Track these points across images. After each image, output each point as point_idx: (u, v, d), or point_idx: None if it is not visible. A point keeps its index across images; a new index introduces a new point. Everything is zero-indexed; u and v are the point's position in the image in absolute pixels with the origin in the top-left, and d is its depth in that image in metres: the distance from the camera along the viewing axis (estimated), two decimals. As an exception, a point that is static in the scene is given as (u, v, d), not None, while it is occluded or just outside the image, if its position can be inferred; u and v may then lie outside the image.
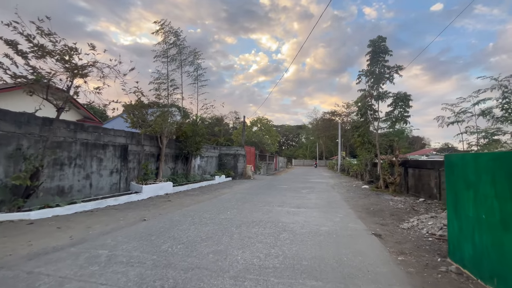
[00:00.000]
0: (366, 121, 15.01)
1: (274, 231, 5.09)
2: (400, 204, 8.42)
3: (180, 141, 13.26)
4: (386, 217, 6.58)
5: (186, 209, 7.21)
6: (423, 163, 10.30)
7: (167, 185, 10.62)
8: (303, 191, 12.18)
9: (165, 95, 11.88)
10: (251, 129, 35.12)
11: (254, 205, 8.05)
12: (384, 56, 14.22)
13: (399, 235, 4.97)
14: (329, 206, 8.16)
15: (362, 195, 11.24)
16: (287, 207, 7.81)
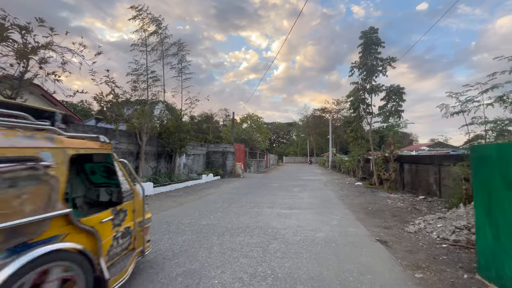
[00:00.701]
0: (359, 116, 14.45)
1: (263, 239, 4.31)
2: (399, 203, 7.84)
3: (163, 138, 12.27)
4: (387, 218, 5.93)
5: (164, 214, 6.33)
6: (420, 158, 9.79)
7: (146, 186, 9.65)
8: (294, 190, 11.49)
9: (144, 88, 10.85)
10: (241, 126, 34.24)
11: (242, 207, 7.26)
12: (376, 48, 13.66)
13: (407, 241, 4.30)
14: (324, 206, 7.47)
15: (357, 192, 10.65)
16: (278, 209, 7.06)
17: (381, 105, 13.40)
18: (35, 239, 1.78)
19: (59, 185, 1.96)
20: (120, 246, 2.60)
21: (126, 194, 2.80)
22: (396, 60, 13.33)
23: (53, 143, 2.03)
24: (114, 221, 2.52)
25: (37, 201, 1.81)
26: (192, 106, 12.95)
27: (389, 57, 13.29)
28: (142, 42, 11.20)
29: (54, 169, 1.95)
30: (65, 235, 1.97)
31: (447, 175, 7.72)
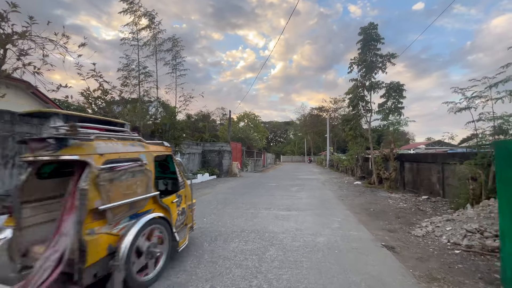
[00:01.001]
0: (358, 113, 14.14)
1: (259, 246, 3.94)
2: (401, 203, 7.52)
3: (156, 136, 11.82)
4: (391, 220, 5.59)
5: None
6: (422, 156, 9.49)
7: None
8: (292, 189, 11.14)
9: (135, 84, 10.40)
10: (238, 125, 33.83)
11: (238, 208, 6.88)
12: (376, 44, 13.33)
13: (415, 246, 3.96)
14: (323, 207, 7.12)
15: (356, 192, 10.33)
16: (275, 210, 6.69)
17: (381, 103, 13.10)
18: (141, 210, 2.79)
19: (152, 176, 2.97)
20: (180, 221, 3.66)
21: (181, 184, 3.86)
22: (396, 57, 13.02)
23: (144, 148, 3.05)
24: (177, 203, 3.58)
25: (143, 186, 2.81)
26: (186, 103, 12.51)
27: (388, 53, 12.97)
28: (134, 37, 10.74)
29: (148, 166, 2.94)
30: (153, 209, 2.98)
31: (452, 174, 7.42)
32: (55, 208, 2.83)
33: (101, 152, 2.48)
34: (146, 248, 2.73)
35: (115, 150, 2.64)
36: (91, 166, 2.34)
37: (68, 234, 2.21)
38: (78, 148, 2.36)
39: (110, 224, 2.44)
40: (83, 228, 2.20)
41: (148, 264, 2.79)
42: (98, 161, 2.40)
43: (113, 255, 2.39)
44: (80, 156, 2.31)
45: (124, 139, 2.85)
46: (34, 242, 2.59)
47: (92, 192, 2.28)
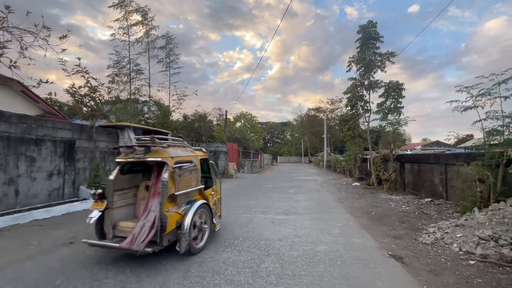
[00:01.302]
0: (357, 113, 13.86)
1: (253, 256, 3.56)
2: (403, 206, 7.19)
3: (148, 136, 11.39)
4: (395, 225, 5.25)
5: (141, 222, 5.50)
6: (424, 157, 9.19)
7: (128, 188, 8.78)
8: (290, 191, 10.78)
9: (125, 81, 9.96)
10: (235, 125, 33.43)
11: (232, 212, 6.49)
12: (374, 43, 13.07)
13: (425, 256, 3.61)
14: (322, 210, 6.76)
15: (356, 194, 10.01)
16: (272, 214, 6.31)
17: (380, 102, 12.83)
18: (193, 198, 3.75)
19: (199, 174, 4.00)
20: (213, 210, 4.33)
21: (214, 181, 4.70)
22: (396, 55, 12.76)
23: (193, 153, 4.10)
24: (212, 195, 4.43)
25: (195, 181, 3.80)
26: (180, 101, 12.11)
27: (388, 52, 12.71)
28: (125, 32, 10.30)
29: (197, 166, 3.93)
30: (199, 198, 3.86)
31: (456, 176, 7.12)
32: (128, 196, 3.92)
33: (172, 155, 3.53)
34: (199, 224, 3.76)
35: (179, 154, 3.73)
36: (168, 166, 3.37)
37: (155, 211, 3.29)
38: (158, 153, 3.45)
39: (178, 206, 3.48)
40: (164, 207, 3.23)
41: (198, 236, 3.76)
42: (171, 162, 3.43)
43: (179, 227, 3.36)
44: (162, 158, 3.38)
45: (181, 146, 4.00)
46: (119, 219, 3.63)
47: (169, 183, 3.31)
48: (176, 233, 3.35)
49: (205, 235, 3.89)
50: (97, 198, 3.58)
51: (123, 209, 3.80)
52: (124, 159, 3.55)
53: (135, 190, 4.04)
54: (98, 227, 3.52)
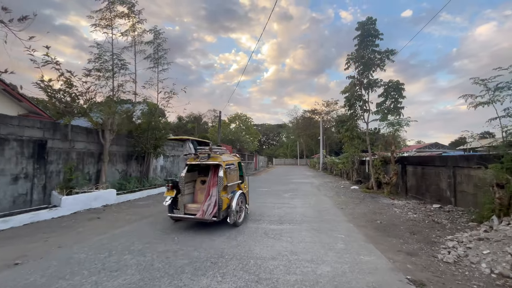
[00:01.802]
0: (355, 113, 13.28)
1: (240, 284, 2.84)
2: (410, 212, 6.56)
3: (134, 136, 10.57)
4: (406, 237, 4.59)
5: (112, 234, 4.74)
6: (429, 159, 8.61)
7: (107, 193, 7.97)
8: (285, 196, 10.08)
9: (108, 76, 9.15)
10: (229, 127, 32.69)
11: (218, 223, 5.75)
12: (374, 40, 12.54)
13: (452, 280, 2.94)
14: (321, 218, 6.08)
15: (355, 198, 9.37)
16: (265, 223, 5.60)
17: (379, 102, 12.28)
18: (235, 189, 5.50)
19: (238, 173, 5.93)
20: (245, 199, 5.87)
21: (245, 178, 6.39)
22: (395, 53, 12.24)
23: (234, 158, 5.91)
24: (244, 188, 6.18)
25: (236, 177, 5.74)
26: (167, 99, 11.32)
27: (387, 50, 12.19)
28: (108, 24, 9.51)
29: (237, 167, 5.90)
30: (238, 190, 5.53)
31: (466, 180, 6.53)
32: (190, 187, 5.63)
33: (224, 160, 5.22)
34: (239, 207, 5.36)
35: (227, 159, 5.45)
36: (222, 167, 5.05)
37: (215, 196, 4.96)
38: (215, 158, 5.16)
39: (227, 194, 5.08)
40: (220, 194, 4.86)
41: (239, 215, 5.33)
42: (224, 164, 5.10)
43: (228, 207, 4.98)
44: (218, 162, 5.09)
45: (227, 153, 5.97)
46: (186, 203, 5.33)
47: (223, 178, 4.96)
48: (226, 211, 5.01)
49: (243, 214, 5.61)
50: (169, 188, 5.28)
51: (188, 196, 5.56)
52: (194, 162, 5.30)
53: (193, 183, 5.83)
54: (171, 208, 5.20)
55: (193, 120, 52.05)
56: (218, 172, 5.08)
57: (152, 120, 10.54)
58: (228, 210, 4.99)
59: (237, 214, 5.22)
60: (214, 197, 5.00)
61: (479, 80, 5.20)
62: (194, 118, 55.15)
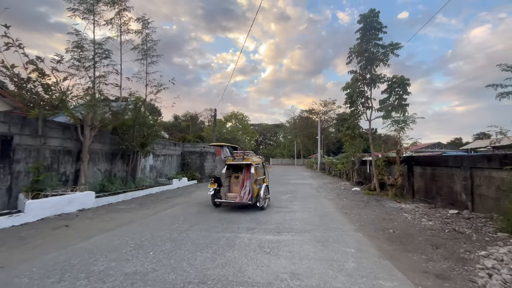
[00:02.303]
0: (357, 111, 12.57)
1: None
2: (423, 219, 5.82)
3: (118, 133, 9.71)
4: (428, 251, 3.84)
5: (75, 248, 3.91)
6: (440, 159, 7.90)
7: (84, 196, 7.11)
8: (283, 198, 9.31)
9: (89, 66, 8.28)
10: (225, 125, 31.83)
11: (209, 230, 4.97)
12: (377, 34, 11.84)
13: (510, 321, 2.19)
14: (325, 226, 5.32)
15: (359, 201, 8.63)
16: (260, 232, 4.82)
17: (383, 99, 11.58)
18: (261, 183, 7.42)
19: (262, 170, 7.98)
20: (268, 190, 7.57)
21: (266, 174, 8.22)
22: (400, 47, 11.54)
23: (259, 159, 8.05)
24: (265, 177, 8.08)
25: (262, 173, 7.77)
26: (156, 93, 10.47)
27: (392, 43, 11.49)
28: (88, 9, 8.62)
29: (261, 166, 7.92)
30: (262, 183, 7.44)
31: (486, 182, 5.81)
32: (227, 181, 7.45)
33: (254, 160, 7.21)
34: (264, 195, 7.03)
35: (256, 160, 7.53)
36: (253, 165, 6.90)
37: (249, 186, 6.78)
38: (247, 159, 7.10)
39: (256, 185, 6.96)
40: (252, 185, 6.70)
41: (265, 201, 7.04)
42: (254, 163, 6.96)
43: (257, 196, 6.76)
44: (250, 162, 6.98)
45: (255, 155, 8.21)
46: (225, 192, 7.25)
47: (254, 174, 6.80)
48: (257, 198, 6.78)
49: (267, 201, 7.24)
50: (212, 182, 7.16)
51: (225, 187, 7.35)
52: (232, 161, 7.25)
53: (229, 178, 7.58)
54: (213, 196, 7.07)
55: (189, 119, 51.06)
56: (250, 169, 7.01)
57: (138, 115, 9.67)
58: (257, 197, 6.85)
59: (263, 200, 6.98)
60: (248, 187, 6.88)
61: (507, 67, 4.47)
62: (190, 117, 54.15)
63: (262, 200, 6.80)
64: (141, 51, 11.33)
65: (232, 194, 7.15)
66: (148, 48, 11.38)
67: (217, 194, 7.10)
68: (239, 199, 6.70)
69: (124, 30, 10.48)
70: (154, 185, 11.54)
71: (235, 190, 7.29)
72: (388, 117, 11.08)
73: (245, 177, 7.04)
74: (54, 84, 7.08)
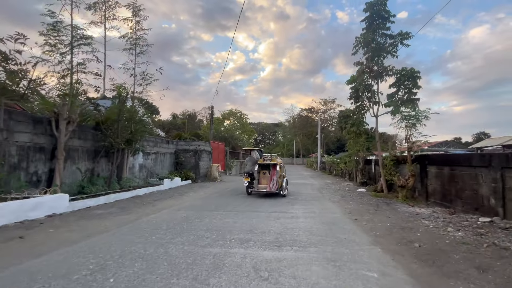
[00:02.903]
0: (363, 106, 11.69)
1: None
2: (449, 228, 4.94)
3: (101, 129, 8.77)
4: (473, 277, 2.96)
5: (15, 270, 3.01)
6: (462, 158, 7.02)
7: (55, 199, 6.20)
8: (283, 200, 8.43)
9: (65, 52, 7.35)
10: (223, 123, 30.89)
11: (193, 242, 4.07)
12: (384, 23, 10.94)
13: None
14: (334, 237, 4.44)
15: (368, 205, 7.77)
16: (256, 247, 3.93)
17: (391, 93, 10.71)
18: (283, 177, 9.55)
19: (284, 167, 10.16)
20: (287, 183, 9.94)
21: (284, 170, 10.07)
22: (410, 37, 10.66)
23: (279, 160, 9.98)
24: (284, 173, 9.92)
25: (284, 171, 10.11)
26: (143, 84, 9.55)
27: (401, 32, 10.60)
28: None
29: (283, 165, 10.13)
30: (284, 177, 9.63)
31: (523, 185, 4.94)
32: (257, 175, 9.49)
33: (279, 161, 9.65)
34: (286, 186, 9.44)
35: (279, 160, 9.90)
36: (278, 165, 9.16)
37: (275, 179, 8.88)
38: (274, 160, 9.57)
39: (281, 179, 9.11)
40: (278, 178, 8.89)
41: (286, 191, 9.40)
42: (279, 163, 9.31)
43: (281, 187, 8.96)
44: (276, 162, 9.32)
45: (278, 157, 11.55)
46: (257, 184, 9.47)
47: (279, 171, 9.01)
48: (281, 188, 8.86)
49: (286, 190, 9.56)
50: (246, 176, 9.54)
51: (256, 181, 9.48)
52: (262, 161, 9.55)
53: (258, 173, 9.53)
54: (248, 187, 9.43)
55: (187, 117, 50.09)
56: (276, 168, 9.08)
57: (122, 108, 8.74)
58: (281, 188, 8.96)
59: (285, 190, 9.27)
60: (275, 181, 8.88)
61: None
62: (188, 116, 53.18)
63: (284, 190, 9.19)
64: (130, 40, 10.42)
65: (261, 185, 9.39)
66: (137, 37, 10.46)
67: (250, 185, 9.50)
68: (269, 189, 8.89)
69: (109, 16, 9.56)
70: (143, 185, 10.63)
71: (264, 183, 9.42)
72: (397, 112, 10.18)
73: (272, 173, 9.17)
74: (20, 71, 6.14)
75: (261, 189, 9.16)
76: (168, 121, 48.28)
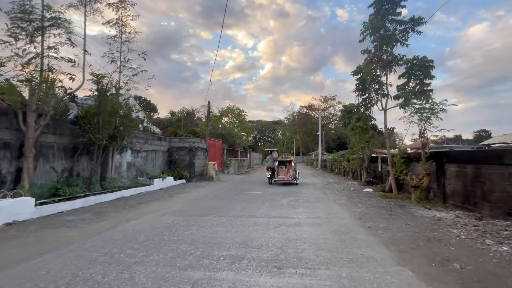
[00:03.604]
0: (370, 99, 10.79)
1: None
2: (488, 240, 4.07)
3: (82, 125, 7.85)
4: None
5: None
6: (489, 155, 6.12)
7: (16, 204, 5.29)
8: (284, 203, 7.55)
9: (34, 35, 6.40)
10: (221, 120, 29.95)
11: (167, 266, 3.18)
12: (394, 8, 10.02)
13: None
14: (348, 254, 3.55)
15: (379, 208, 6.89)
16: (250, 270, 3.04)
17: (401, 84, 9.81)
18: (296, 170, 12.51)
19: (295, 162, 13.24)
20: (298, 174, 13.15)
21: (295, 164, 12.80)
22: (423, 23, 9.73)
23: (293, 157, 13.57)
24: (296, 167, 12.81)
25: (296, 165, 12.94)
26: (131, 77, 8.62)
27: (413, 17, 9.66)
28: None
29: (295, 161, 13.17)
30: (297, 170, 12.83)
31: None
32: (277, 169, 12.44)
33: (293, 158, 13.01)
34: (298, 175, 12.74)
35: (292, 158, 13.06)
36: (293, 162, 12.51)
37: (291, 172, 12.04)
38: (289, 158, 12.93)
39: (296, 172, 12.44)
40: (293, 171, 12.13)
41: (298, 180, 12.68)
42: (293, 160, 12.64)
43: (295, 177, 12.13)
44: (291, 159, 12.68)
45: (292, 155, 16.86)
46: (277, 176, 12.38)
47: (294, 166, 12.40)
48: (295, 178, 12.03)
49: (299, 180, 12.67)
50: (269, 170, 12.67)
51: (276, 173, 12.24)
52: (280, 159, 12.63)
53: (278, 168, 12.31)
54: (269, 179, 12.54)
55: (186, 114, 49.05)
56: (291, 163, 12.20)
57: (103, 99, 7.80)
58: (296, 178, 12.01)
59: (297, 180, 12.27)
60: (291, 173, 11.93)
61: None
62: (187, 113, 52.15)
63: (297, 180, 12.22)
64: (115, 25, 9.47)
65: (280, 177, 12.20)
66: (124, 24, 9.51)
67: (272, 177, 12.40)
68: (286, 179, 11.98)
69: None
70: (131, 186, 9.73)
71: (282, 174, 12.24)
72: (408, 105, 9.27)
73: (289, 168, 12.12)
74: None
75: (280, 179, 12.13)
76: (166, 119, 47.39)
